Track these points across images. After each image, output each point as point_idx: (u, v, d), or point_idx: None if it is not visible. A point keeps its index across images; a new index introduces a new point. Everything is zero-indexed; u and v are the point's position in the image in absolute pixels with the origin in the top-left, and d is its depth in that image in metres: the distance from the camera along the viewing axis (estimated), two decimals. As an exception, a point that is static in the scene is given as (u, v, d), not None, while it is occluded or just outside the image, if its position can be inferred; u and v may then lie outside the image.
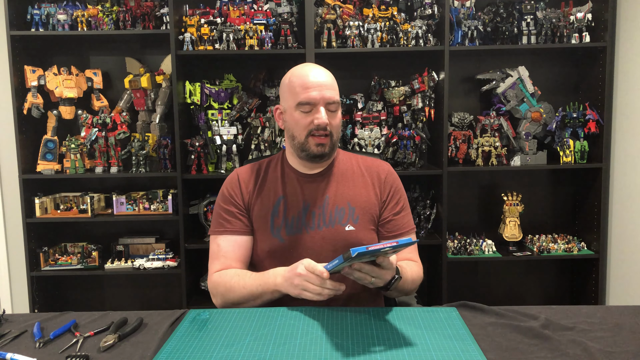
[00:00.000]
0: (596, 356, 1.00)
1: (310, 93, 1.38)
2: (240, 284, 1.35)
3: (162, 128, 2.76)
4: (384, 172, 1.53)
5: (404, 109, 2.72)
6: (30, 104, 2.62)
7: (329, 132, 1.40)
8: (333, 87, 1.42)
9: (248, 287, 1.33)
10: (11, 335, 1.14)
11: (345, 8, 2.64)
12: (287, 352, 1.03)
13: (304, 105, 1.39)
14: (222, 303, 1.39)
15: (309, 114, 1.39)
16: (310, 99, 1.38)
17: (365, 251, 1.08)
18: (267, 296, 1.32)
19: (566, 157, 2.69)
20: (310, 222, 1.43)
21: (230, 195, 1.48)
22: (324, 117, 1.37)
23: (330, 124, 1.39)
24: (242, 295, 1.34)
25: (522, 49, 2.68)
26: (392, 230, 1.49)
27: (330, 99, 1.39)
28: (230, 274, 1.39)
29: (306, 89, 1.38)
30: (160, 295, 3.01)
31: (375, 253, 1.12)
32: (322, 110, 1.38)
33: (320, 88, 1.38)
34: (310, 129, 1.39)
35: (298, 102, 1.39)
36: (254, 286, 1.32)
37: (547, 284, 3.02)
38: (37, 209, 2.65)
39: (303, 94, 1.38)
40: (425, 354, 1.01)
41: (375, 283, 1.23)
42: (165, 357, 1.02)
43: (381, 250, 1.12)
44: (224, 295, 1.38)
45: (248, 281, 1.34)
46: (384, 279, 1.23)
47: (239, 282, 1.35)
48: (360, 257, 1.12)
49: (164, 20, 2.58)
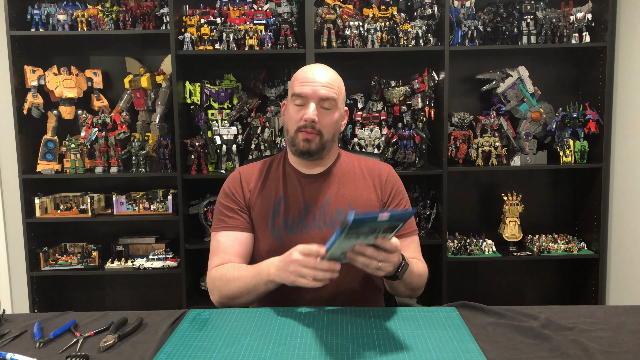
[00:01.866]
0: (596, 356, 1.00)
1: (304, 87, 1.38)
2: (235, 276, 1.33)
3: (162, 128, 2.76)
4: (385, 174, 1.52)
5: (404, 109, 2.72)
6: (30, 104, 2.62)
7: (317, 131, 1.39)
8: (331, 85, 1.40)
9: (242, 279, 1.31)
10: (11, 335, 1.14)
11: (345, 8, 2.64)
12: (287, 352, 1.03)
13: (296, 98, 1.39)
14: (218, 298, 1.38)
15: (301, 109, 1.39)
16: (303, 92, 1.38)
17: (364, 217, 1.03)
18: (261, 288, 1.29)
19: (566, 157, 2.69)
20: (311, 223, 1.43)
21: (231, 193, 1.48)
22: (311, 112, 1.36)
23: (320, 122, 1.38)
24: (238, 287, 1.32)
25: (522, 49, 2.68)
26: None
27: (325, 96, 1.38)
28: (227, 267, 1.38)
29: (302, 83, 1.39)
30: (160, 295, 3.01)
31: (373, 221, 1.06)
32: (312, 106, 1.37)
33: (315, 84, 1.38)
34: (300, 124, 1.39)
35: (292, 94, 1.41)
36: (248, 277, 1.30)
37: (547, 284, 3.02)
38: (37, 209, 2.65)
39: (297, 87, 1.39)
40: (425, 354, 1.01)
41: (384, 268, 1.17)
42: (165, 357, 1.02)
43: (378, 220, 1.05)
44: (220, 289, 1.36)
45: (243, 273, 1.32)
46: (392, 261, 1.17)
47: (234, 273, 1.34)
48: (358, 227, 1.06)
49: (164, 20, 2.58)
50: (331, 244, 1.11)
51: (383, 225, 1.09)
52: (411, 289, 1.39)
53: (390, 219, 1.07)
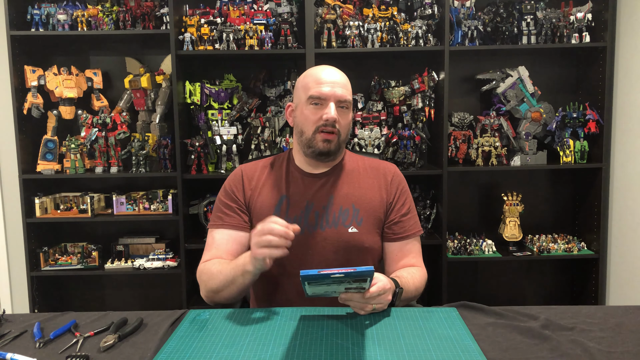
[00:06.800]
0: (596, 356, 1.00)
1: (322, 88, 1.39)
2: (218, 269, 1.34)
3: (162, 128, 2.76)
4: (390, 174, 1.52)
5: (404, 109, 2.72)
6: (30, 104, 2.62)
7: (336, 130, 1.40)
8: (346, 86, 1.43)
9: (224, 272, 1.32)
10: (11, 335, 1.14)
11: (345, 8, 2.64)
12: (287, 352, 1.03)
13: (315, 99, 1.39)
14: (205, 292, 1.39)
15: (319, 109, 1.39)
16: (322, 93, 1.38)
17: (316, 274, 1.04)
18: (239, 279, 1.29)
19: (566, 157, 2.69)
20: (313, 222, 1.42)
21: (231, 191, 1.48)
22: (332, 112, 1.37)
23: (339, 121, 1.40)
24: (219, 280, 1.33)
25: (522, 49, 2.68)
26: (399, 232, 1.47)
27: (342, 97, 1.40)
28: (214, 262, 1.39)
29: (319, 84, 1.39)
30: (160, 295, 3.01)
31: (327, 278, 1.06)
32: (332, 105, 1.38)
33: (333, 85, 1.39)
34: (319, 124, 1.39)
35: (309, 96, 1.40)
36: (228, 269, 1.31)
37: (547, 284, 3.02)
38: (37, 209, 2.65)
39: (315, 88, 1.39)
40: (425, 354, 1.01)
41: (378, 309, 1.21)
42: (165, 357, 1.02)
43: (332, 276, 1.05)
44: (206, 282, 1.38)
45: (224, 266, 1.34)
46: (384, 301, 1.21)
47: (218, 267, 1.35)
48: (319, 280, 1.06)
49: (164, 20, 2.58)
50: (304, 287, 1.12)
51: (346, 279, 1.08)
52: (408, 300, 1.40)
53: (347, 276, 1.06)
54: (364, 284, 1.12)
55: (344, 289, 1.14)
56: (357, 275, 1.06)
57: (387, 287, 1.20)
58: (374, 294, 1.17)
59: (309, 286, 1.11)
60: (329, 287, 1.12)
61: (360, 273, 1.06)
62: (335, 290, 1.14)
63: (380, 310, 1.21)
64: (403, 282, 1.32)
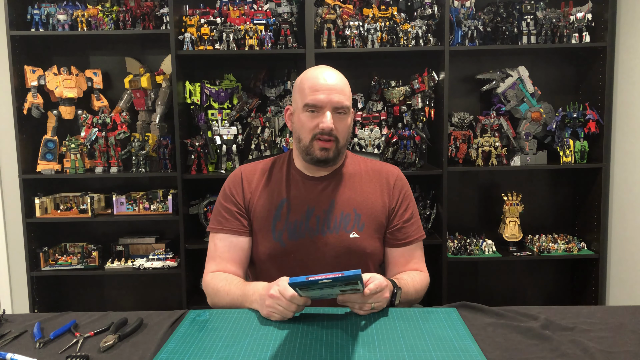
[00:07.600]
0: (596, 356, 1.00)
1: (318, 96, 1.34)
2: (225, 290, 1.33)
3: (162, 128, 2.76)
4: (393, 178, 1.48)
5: (404, 109, 2.72)
6: (30, 104, 2.62)
7: (334, 137, 1.36)
8: (343, 91, 1.38)
9: (231, 295, 1.31)
10: (11, 335, 1.14)
11: (345, 8, 2.64)
12: (287, 352, 1.03)
13: (311, 107, 1.35)
14: (210, 304, 1.40)
15: (316, 117, 1.35)
16: (317, 101, 1.34)
17: (304, 281, 1.05)
18: (245, 305, 1.28)
19: (566, 157, 2.69)
20: (314, 227, 1.40)
21: (231, 194, 1.46)
22: (328, 121, 1.33)
23: (336, 128, 1.36)
24: (226, 301, 1.33)
25: (522, 49, 2.68)
26: (402, 239, 1.45)
27: (339, 104, 1.35)
28: (220, 278, 1.37)
29: (314, 91, 1.35)
30: (160, 296, 3.01)
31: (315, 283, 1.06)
32: (328, 114, 1.34)
33: (329, 92, 1.34)
34: (315, 132, 1.35)
35: (305, 104, 1.36)
36: (236, 295, 1.30)
37: (547, 284, 3.02)
38: (37, 209, 2.65)
39: (310, 96, 1.35)
40: (425, 354, 1.01)
41: (377, 308, 1.20)
42: (165, 357, 1.02)
43: (319, 282, 1.05)
44: (211, 297, 1.39)
45: (232, 289, 1.32)
46: (383, 299, 1.20)
47: (224, 287, 1.34)
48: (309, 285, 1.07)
49: (164, 20, 2.58)
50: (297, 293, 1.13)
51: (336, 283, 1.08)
52: (409, 302, 1.38)
53: (336, 280, 1.06)
54: (357, 286, 1.12)
55: (339, 291, 1.15)
56: (345, 279, 1.06)
57: (383, 284, 1.20)
58: (372, 292, 1.17)
59: (302, 292, 1.12)
60: (322, 292, 1.13)
61: (348, 277, 1.06)
62: (330, 293, 1.15)
63: (379, 310, 1.21)
64: (402, 283, 1.32)
